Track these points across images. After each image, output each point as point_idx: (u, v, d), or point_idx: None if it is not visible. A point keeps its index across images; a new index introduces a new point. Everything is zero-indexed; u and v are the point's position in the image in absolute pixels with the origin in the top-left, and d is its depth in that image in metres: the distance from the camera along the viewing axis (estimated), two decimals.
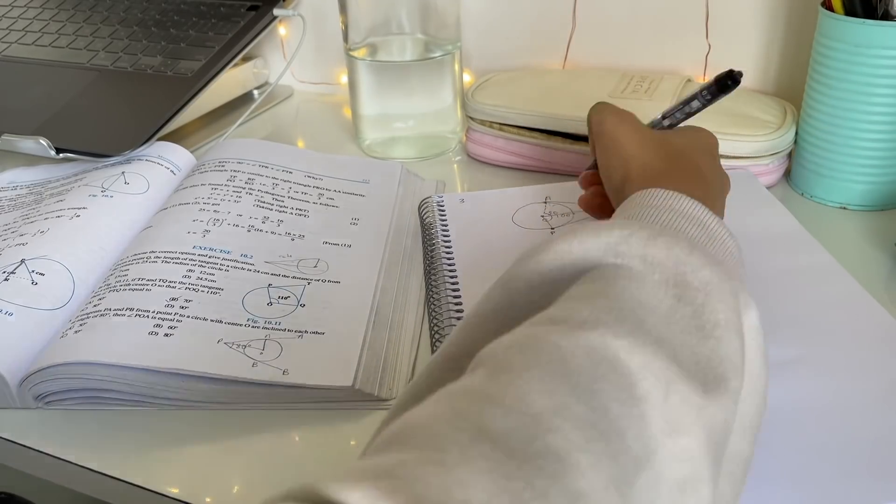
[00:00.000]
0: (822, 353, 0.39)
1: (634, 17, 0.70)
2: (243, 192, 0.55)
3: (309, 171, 0.60)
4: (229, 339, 0.41)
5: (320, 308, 0.44)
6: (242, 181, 0.56)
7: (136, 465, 0.37)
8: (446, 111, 0.67)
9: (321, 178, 0.59)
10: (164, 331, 0.41)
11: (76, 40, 0.76)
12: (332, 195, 0.57)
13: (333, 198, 0.57)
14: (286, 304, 0.44)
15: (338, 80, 0.84)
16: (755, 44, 0.67)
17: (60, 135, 0.62)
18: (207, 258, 0.47)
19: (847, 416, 0.35)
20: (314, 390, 0.39)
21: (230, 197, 0.54)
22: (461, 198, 0.57)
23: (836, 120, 0.54)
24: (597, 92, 0.62)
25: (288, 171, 0.59)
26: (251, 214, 0.52)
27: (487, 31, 0.75)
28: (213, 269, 0.46)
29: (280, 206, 0.54)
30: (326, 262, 0.49)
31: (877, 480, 0.32)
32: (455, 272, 0.48)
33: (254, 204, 0.54)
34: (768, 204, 0.53)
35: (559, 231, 0.52)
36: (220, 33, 0.73)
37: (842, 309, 0.43)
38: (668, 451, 0.23)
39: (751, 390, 0.29)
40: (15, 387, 0.39)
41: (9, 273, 0.45)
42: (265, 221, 0.52)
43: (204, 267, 0.46)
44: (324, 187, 0.58)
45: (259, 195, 0.55)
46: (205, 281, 0.45)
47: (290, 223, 0.53)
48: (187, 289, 0.44)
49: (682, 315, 0.27)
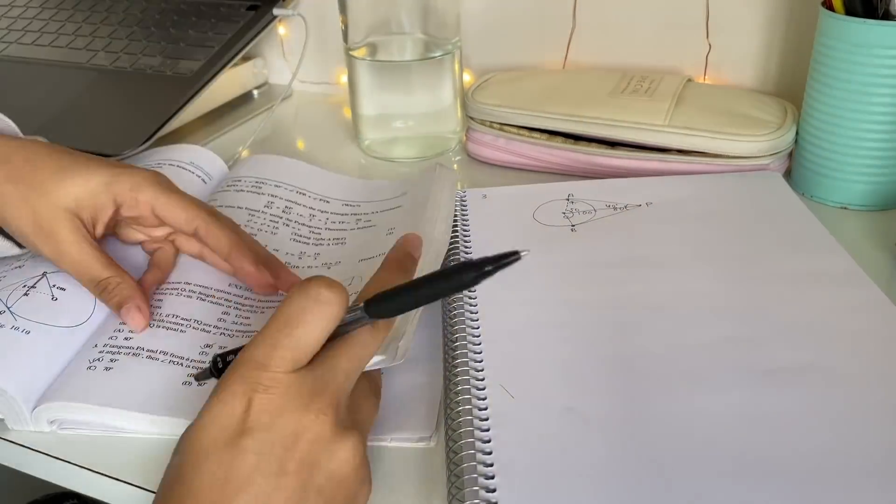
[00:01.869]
0: (836, 358, 0.39)
1: (634, 17, 0.70)
2: (280, 223, 0.53)
3: (347, 199, 0.58)
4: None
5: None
6: (280, 209, 0.55)
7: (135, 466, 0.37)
8: (446, 111, 0.67)
9: (359, 204, 0.58)
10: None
11: (76, 40, 0.76)
12: (369, 217, 0.56)
13: (371, 219, 0.55)
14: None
15: (338, 80, 0.84)
16: (755, 44, 0.67)
17: (60, 135, 0.62)
18: (243, 300, 0.46)
19: (858, 422, 0.35)
20: None
21: (267, 227, 0.53)
22: (483, 194, 0.57)
23: (836, 120, 0.54)
24: (597, 92, 0.62)
25: (325, 200, 0.57)
26: (287, 250, 0.51)
27: (487, 31, 0.75)
28: (249, 311, 0.45)
29: (317, 238, 0.53)
30: (361, 276, 0.47)
31: (887, 489, 0.32)
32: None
33: (290, 238, 0.52)
34: (792, 205, 0.53)
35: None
36: (220, 33, 0.73)
37: (861, 314, 0.42)
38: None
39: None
40: (29, 409, 0.39)
41: (29, 287, 0.43)
42: (301, 257, 0.51)
43: (240, 310, 0.45)
44: (361, 213, 0.56)
45: (296, 227, 0.54)
46: (240, 325, 0.44)
47: (326, 254, 0.51)
48: (222, 334, 0.43)
49: None
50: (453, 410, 0.37)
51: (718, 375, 0.38)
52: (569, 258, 0.48)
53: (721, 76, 0.69)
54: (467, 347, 0.41)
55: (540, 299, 0.45)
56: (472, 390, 0.38)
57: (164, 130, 0.63)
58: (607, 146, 0.60)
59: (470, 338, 0.41)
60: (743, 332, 0.41)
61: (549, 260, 0.48)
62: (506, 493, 0.32)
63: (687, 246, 0.49)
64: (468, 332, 0.42)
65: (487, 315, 0.43)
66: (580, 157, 0.61)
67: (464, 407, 0.37)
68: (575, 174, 0.62)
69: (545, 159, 0.63)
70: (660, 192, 0.55)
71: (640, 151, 0.59)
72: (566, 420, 0.36)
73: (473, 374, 0.39)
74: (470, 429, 0.36)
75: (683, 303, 0.44)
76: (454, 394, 0.38)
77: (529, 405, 0.37)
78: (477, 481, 0.33)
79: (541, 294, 0.45)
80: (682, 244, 0.49)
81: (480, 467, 0.34)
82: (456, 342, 0.41)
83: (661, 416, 0.36)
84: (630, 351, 0.40)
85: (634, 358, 0.40)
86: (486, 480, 0.33)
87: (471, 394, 0.38)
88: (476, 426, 0.36)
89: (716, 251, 0.48)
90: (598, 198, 0.55)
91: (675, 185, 0.56)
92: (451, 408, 0.37)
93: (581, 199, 0.55)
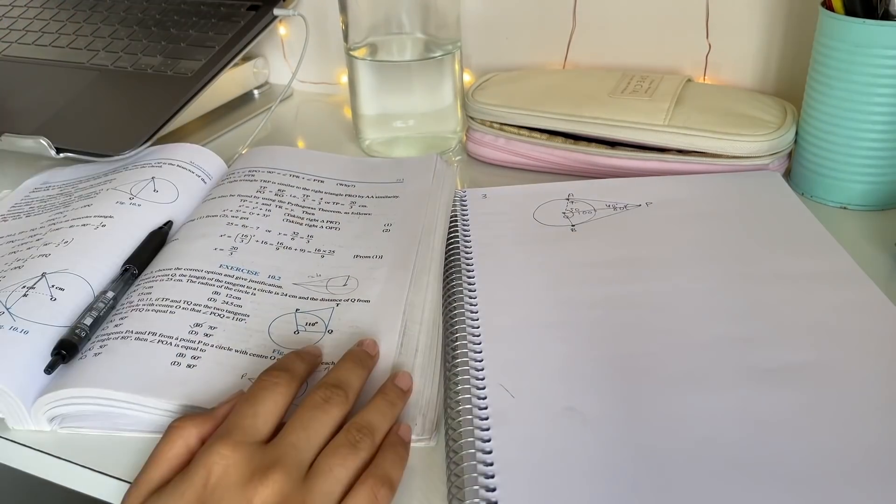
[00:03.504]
0: (835, 358, 0.39)
1: (634, 17, 0.70)
2: (273, 206, 0.53)
3: (342, 178, 0.58)
4: (254, 374, 0.39)
5: (348, 334, 0.43)
6: (272, 192, 0.55)
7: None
8: (446, 111, 0.67)
9: (353, 184, 0.58)
10: (188, 361, 0.40)
11: (76, 40, 0.76)
12: (364, 202, 0.55)
13: (366, 205, 0.55)
14: (313, 331, 0.43)
15: (338, 79, 0.84)
16: (755, 44, 0.67)
17: (60, 135, 0.62)
18: (234, 280, 0.46)
19: (858, 422, 0.35)
20: None
21: (259, 210, 0.53)
22: (484, 193, 0.57)
23: (836, 120, 0.54)
24: (597, 92, 0.62)
25: (319, 179, 0.58)
26: (280, 230, 0.51)
27: (487, 31, 0.75)
28: (240, 292, 0.45)
29: (310, 219, 0.53)
30: (356, 278, 0.47)
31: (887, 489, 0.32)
32: (472, 270, 0.48)
33: (283, 219, 0.52)
34: (793, 206, 0.53)
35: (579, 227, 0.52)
36: (221, 33, 0.73)
37: (860, 314, 0.42)
38: None
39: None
40: (28, 407, 0.39)
41: (28, 288, 0.44)
42: (294, 238, 0.51)
43: (230, 290, 0.45)
44: (356, 194, 0.56)
45: (289, 208, 0.54)
46: (231, 306, 0.44)
47: (320, 238, 0.51)
48: (212, 314, 0.43)
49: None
50: (453, 410, 0.37)
51: (718, 375, 0.38)
52: (569, 258, 0.48)
53: (721, 76, 0.69)
54: (467, 347, 0.41)
55: (540, 299, 0.45)
56: (472, 390, 0.38)
57: (165, 130, 0.63)
58: (607, 146, 0.60)
59: (470, 338, 0.42)
60: (742, 331, 0.41)
61: (549, 260, 0.48)
62: (506, 492, 0.32)
63: (687, 246, 0.49)
64: (468, 332, 0.42)
65: (487, 315, 0.43)
66: (580, 157, 0.61)
67: (464, 406, 0.37)
68: (575, 174, 0.62)
69: (545, 159, 0.63)
70: (659, 192, 0.55)
71: (639, 151, 0.59)
72: (566, 420, 0.36)
73: (473, 373, 0.39)
74: (470, 428, 0.36)
75: (683, 303, 0.44)
76: (454, 393, 0.38)
77: (529, 405, 0.37)
78: (477, 481, 0.33)
79: (541, 294, 0.45)
80: (682, 244, 0.49)
81: (480, 467, 0.34)
82: (456, 342, 0.41)
83: (661, 415, 0.36)
84: (630, 351, 0.40)
85: (634, 358, 0.40)
86: (486, 480, 0.33)
87: (471, 393, 0.38)
88: (476, 426, 0.36)
89: (715, 251, 0.48)
90: (598, 198, 0.55)
91: (675, 185, 0.56)
92: (451, 407, 0.37)
93: (581, 199, 0.55)
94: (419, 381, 0.39)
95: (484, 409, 0.37)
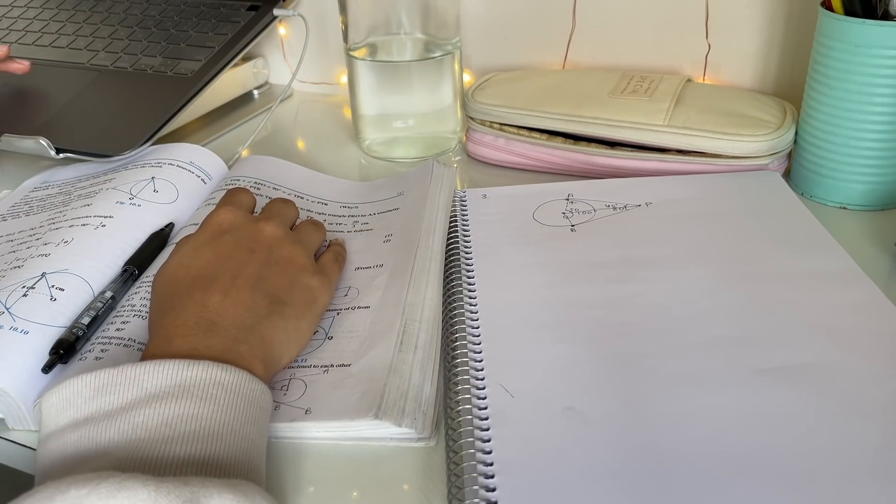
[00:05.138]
0: (835, 358, 0.39)
1: (634, 17, 0.70)
2: None
3: (346, 201, 0.58)
4: None
5: (347, 338, 0.43)
6: None
7: None
8: (446, 111, 0.67)
9: (357, 206, 0.57)
10: None
11: (76, 40, 0.76)
12: (367, 220, 0.55)
13: (368, 221, 0.55)
14: (314, 338, 0.43)
15: (338, 80, 0.84)
16: (755, 44, 0.67)
17: (60, 135, 0.62)
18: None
19: (857, 421, 0.35)
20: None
21: None
22: (483, 193, 0.57)
23: (836, 120, 0.54)
24: (596, 92, 0.62)
25: (323, 202, 0.57)
26: None
27: (487, 31, 0.75)
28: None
29: None
30: (357, 288, 0.47)
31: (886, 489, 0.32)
32: (472, 270, 0.48)
33: None
34: (792, 206, 0.53)
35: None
36: (220, 33, 0.73)
37: (859, 313, 0.42)
38: None
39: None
40: (28, 408, 0.39)
41: (28, 288, 0.44)
42: None
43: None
44: (359, 214, 0.56)
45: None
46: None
47: None
48: None
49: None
50: (453, 410, 0.37)
51: (718, 375, 0.38)
52: (568, 258, 0.48)
53: (721, 76, 0.69)
54: (467, 347, 0.41)
55: (540, 299, 0.45)
56: (472, 390, 0.38)
57: (165, 130, 0.63)
58: (607, 146, 0.60)
59: (470, 338, 0.42)
60: (742, 331, 0.41)
61: (549, 260, 0.48)
62: (506, 492, 0.32)
63: (686, 246, 0.49)
64: (468, 331, 0.42)
65: (487, 315, 0.43)
66: (580, 157, 0.61)
67: (464, 406, 0.37)
68: (574, 174, 0.62)
69: (545, 159, 0.63)
70: (659, 192, 0.55)
71: (639, 151, 0.59)
72: (566, 419, 0.36)
73: (473, 373, 0.39)
74: (470, 428, 0.36)
75: (683, 302, 0.44)
76: (454, 393, 0.38)
77: (529, 405, 0.37)
78: (477, 481, 0.33)
79: (541, 294, 0.45)
80: (682, 244, 0.49)
81: (480, 467, 0.34)
82: (456, 342, 0.41)
83: (661, 415, 0.36)
84: (629, 350, 0.40)
85: (634, 357, 0.40)
86: (486, 480, 0.33)
87: (470, 393, 0.38)
88: (476, 426, 0.36)
89: (715, 251, 0.48)
90: (598, 198, 0.55)
91: (675, 185, 0.56)
92: (451, 407, 0.37)
93: (581, 199, 0.55)
94: (418, 378, 0.39)
95: (484, 409, 0.37)
